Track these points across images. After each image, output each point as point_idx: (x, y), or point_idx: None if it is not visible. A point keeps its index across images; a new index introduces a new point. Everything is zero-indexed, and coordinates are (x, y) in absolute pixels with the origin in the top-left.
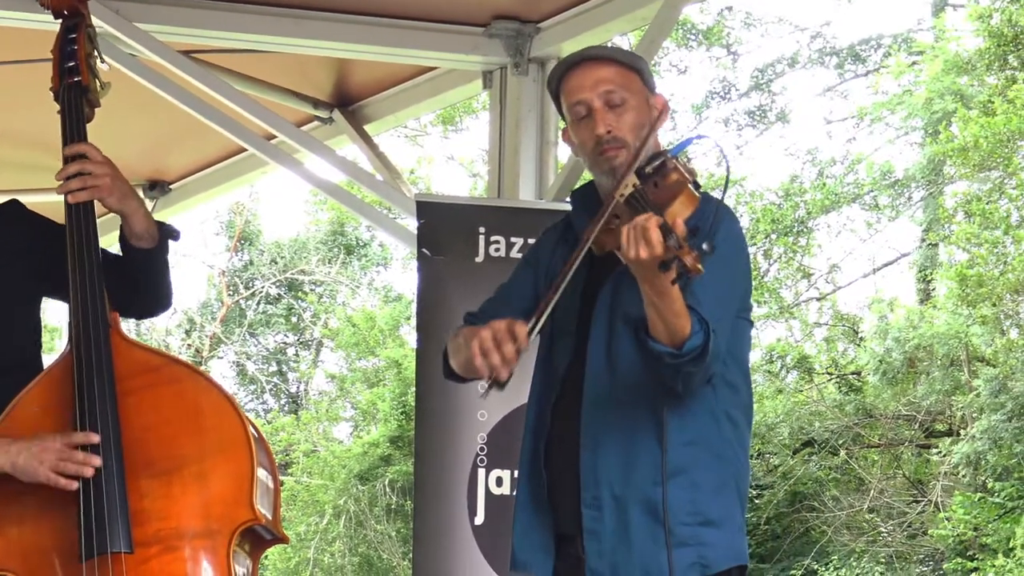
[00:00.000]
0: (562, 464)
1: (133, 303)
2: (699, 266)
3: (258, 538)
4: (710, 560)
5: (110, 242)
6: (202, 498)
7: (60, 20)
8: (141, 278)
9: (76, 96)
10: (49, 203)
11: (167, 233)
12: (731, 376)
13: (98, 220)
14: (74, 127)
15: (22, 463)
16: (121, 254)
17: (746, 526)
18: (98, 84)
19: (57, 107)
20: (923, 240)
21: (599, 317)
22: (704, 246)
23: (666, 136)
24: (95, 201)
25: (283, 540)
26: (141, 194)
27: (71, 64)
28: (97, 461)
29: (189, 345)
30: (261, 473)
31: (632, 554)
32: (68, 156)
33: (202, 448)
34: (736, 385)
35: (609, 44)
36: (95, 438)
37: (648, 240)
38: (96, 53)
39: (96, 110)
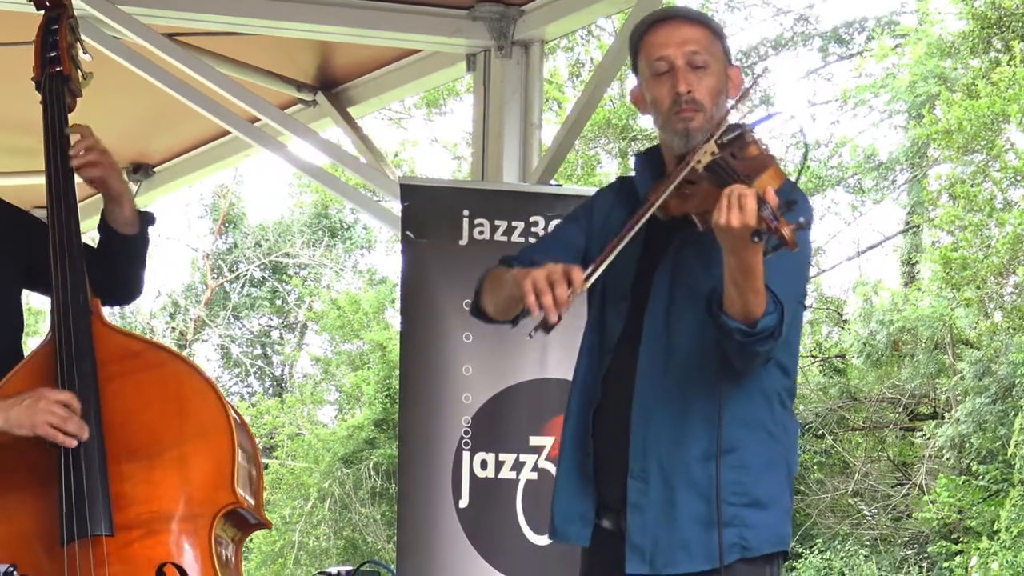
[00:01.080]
0: (611, 434)
1: (108, 291)
2: (795, 239)
3: (241, 522)
4: (751, 543)
5: (87, 228)
6: (183, 482)
7: (43, 12)
8: (121, 265)
9: (58, 86)
10: (29, 185)
11: (147, 220)
12: (783, 359)
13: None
14: (56, 116)
15: (15, 416)
16: (99, 242)
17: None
18: (80, 74)
19: (39, 96)
20: (907, 223)
21: (659, 286)
22: (801, 219)
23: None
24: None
25: (266, 525)
26: (125, 176)
27: (53, 54)
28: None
29: (173, 328)
30: (242, 457)
31: (674, 530)
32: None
33: (183, 432)
34: (786, 368)
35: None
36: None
37: (743, 207)
38: (78, 44)
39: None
